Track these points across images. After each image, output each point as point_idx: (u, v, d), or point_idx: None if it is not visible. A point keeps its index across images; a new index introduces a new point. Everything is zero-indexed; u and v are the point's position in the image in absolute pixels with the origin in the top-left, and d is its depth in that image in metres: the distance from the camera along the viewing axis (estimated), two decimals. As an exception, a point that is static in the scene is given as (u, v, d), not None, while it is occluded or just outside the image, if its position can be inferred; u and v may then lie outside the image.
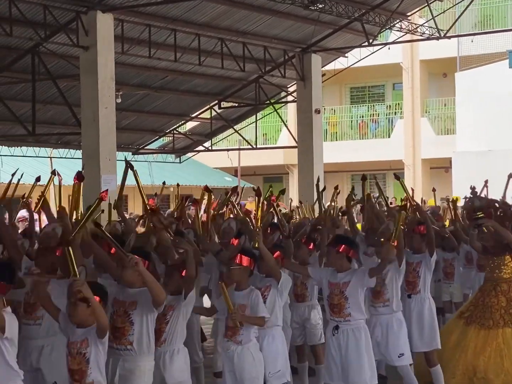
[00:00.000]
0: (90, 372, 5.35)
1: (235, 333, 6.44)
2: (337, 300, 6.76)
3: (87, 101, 13.99)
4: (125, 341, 5.77)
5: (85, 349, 5.35)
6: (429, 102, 31.49)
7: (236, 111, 22.15)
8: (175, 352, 6.11)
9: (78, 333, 5.39)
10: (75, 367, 5.36)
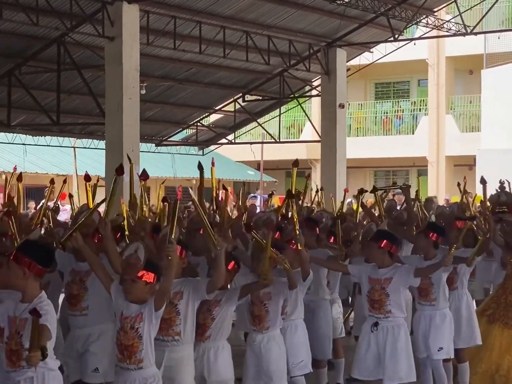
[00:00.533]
0: (142, 348, 5.30)
1: (262, 320, 6.41)
2: (377, 296, 6.71)
3: (111, 91, 14.04)
4: (172, 331, 5.74)
5: (138, 324, 5.29)
6: (454, 99, 31.31)
7: (260, 104, 22.13)
8: (219, 348, 6.05)
9: (132, 308, 5.34)
10: (127, 342, 5.30)
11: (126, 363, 5.34)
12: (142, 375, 5.33)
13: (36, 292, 5.04)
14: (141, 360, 5.32)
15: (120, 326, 5.37)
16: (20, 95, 17.26)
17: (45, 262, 5.10)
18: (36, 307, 5.39)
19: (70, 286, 6.36)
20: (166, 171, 27.23)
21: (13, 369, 4.98)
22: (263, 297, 6.40)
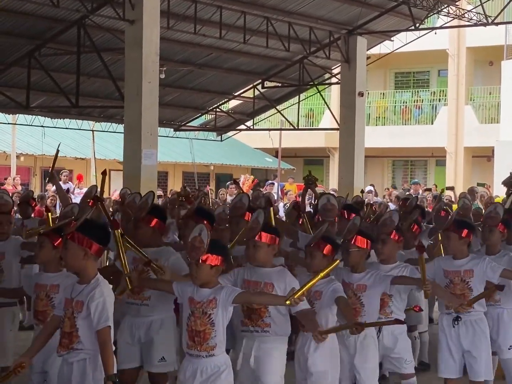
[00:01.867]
0: (215, 335, 5.19)
1: (355, 315, 6.16)
2: (459, 290, 6.49)
3: (131, 75, 14.03)
4: (261, 323, 5.66)
5: (211, 310, 5.20)
6: (474, 90, 31.17)
7: (279, 91, 22.10)
8: None
9: (204, 292, 5.27)
10: (199, 328, 5.20)
11: (197, 350, 5.22)
12: (214, 362, 5.22)
13: (94, 273, 5.05)
14: (213, 347, 5.21)
15: (191, 311, 5.26)
16: (40, 77, 17.30)
17: (104, 240, 5.11)
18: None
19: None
20: (184, 156, 27.28)
21: (66, 351, 4.99)
22: (360, 289, 6.24)
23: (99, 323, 4.90)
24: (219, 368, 5.20)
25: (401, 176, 33.60)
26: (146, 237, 6.40)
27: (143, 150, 13.96)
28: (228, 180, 27.32)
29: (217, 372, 5.19)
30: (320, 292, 5.92)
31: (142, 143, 13.96)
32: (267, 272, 5.78)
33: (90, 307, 4.91)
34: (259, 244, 5.77)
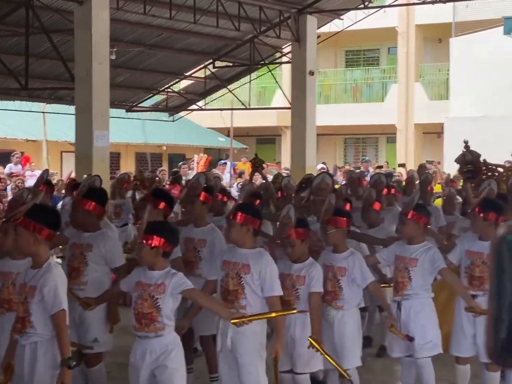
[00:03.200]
0: (161, 318, 5.23)
1: (334, 298, 6.25)
2: (478, 272, 6.42)
3: (81, 56, 13.97)
4: (237, 305, 5.59)
5: (159, 295, 5.23)
6: (423, 67, 31.47)
7: (230, 71, 22.12)
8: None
9: (152, 275, 5.28)
10: (146, 310, 5.23)
11: (144, 331, 5.26)
12: (163, 342, 5.26)
13: (46, 257, 5.08)
14: (161, 328, 5.25)
15: (138, 294, 5.30)
16: (-12, 59, 17.12)
17: (54, 225, 5.14)
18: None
19: (71, 259, 6.36)
20: (136, 137, 27.19)
21: (19, 335, 5.04)
22: (340, 272, 6.25)
23: (53, 307, 4.95)
24: (167, 347, 5.26)
25: (353, 154, 33.86)
26: (83, 220, 6.40)
27: (95, 131, 13.93)
28: (180, 160, 27.30)
29: (166, 352, 5.25)
30: (304, 277, 5.99)
31: (94, 125, 13.93)
32: (245, 253, 5.67)
33: (43, 292, 4.95)
34: (232, 223, 5.69)
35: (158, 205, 6.71)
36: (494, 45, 26.42)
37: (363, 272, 6.27)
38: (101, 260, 6.31)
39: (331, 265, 6.31)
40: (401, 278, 6.41)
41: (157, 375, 5.28)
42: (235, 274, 5.62)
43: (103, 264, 6.32)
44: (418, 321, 6.34)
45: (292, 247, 5.96)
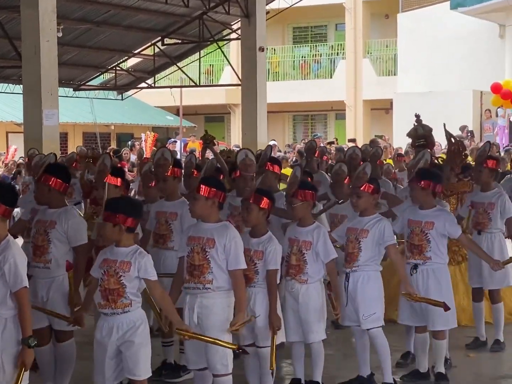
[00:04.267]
0: (127, 294, 5.22)
1: (299, 272, 6.24)
2: (417, 240, 6.63)
3: (28, 34, 13.67)
4: (203, 279, 5.55)
5: (123, 272, 5.22)
6: (371, 43, 31.60)
7: (179, 48, 21.93)
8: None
9: (119, 251, 5.27)
10: (112, 286, 5.21)
11: (111, 308, 5.23)
12: (130, 318, 5.24)
13: (4, 234, 4.99)
14: (128, 304, 5.24)
15: (104, 271, 5.26)
16: None
17: (10, 201, 5.03)
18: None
19: (35, 237, 6.26)
20: (84, 117, 26.85)
21: None
22: (305, 245, 6.25)
23: (15, 285, 4.88)
24: (134, 323, 5.24)
25: (302, 131, 33.93)
26: (44, 197, 6.32)
27: (44, 110, 13.69)
28: (129, 139, 27.09)
29: (133, 327, 5.24)
30: (261, 251, 5.97)
31: (43, 104, 13.69)
32: (209, 228, 5.63)
33: (3, 269, 4.87)
34: (197, 197, 5.63)
35: (116, 183, 6.64)
36: (441, 20, 26.62)
37: (326, 248, 6.27)
38: (63, 237, 6.22)
39: (296, 238, 6.29)
40: (351, 249, 6.48)
41: (123, 351, 5.25)
42: (200, 249, 5.57)
43: (66, 242, 6.23)
44: (364, 293, 6.41)
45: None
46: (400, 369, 7.04)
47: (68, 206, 6.38)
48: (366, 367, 6.59)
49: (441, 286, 6.61)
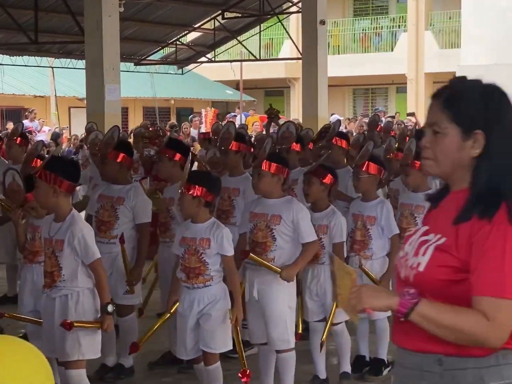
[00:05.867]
0: (209, 271, 5.22)
1: (363, 247, 6.17)
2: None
3: (90, 9, 13.75)
4: (265, 257, 5.47)
5: (203, 250, 5.22)
6: (433, 15, 31.09)
7: (239, 22, 21.83)
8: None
9: (196, 229, 5.27)
10: (193, 265, 5.24)
11: (192, 283, 5.25)
12: (211, 292, 5.24)
13: (68, 209, 5.02)
14: (209, 279, 5.24)
15: (184, 249, 5.27)
16: (-4, 13, 16.93)
17: (73, 177, 5.07)
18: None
19: (101, 212, 6.29)
20: (144, 91, 26.99)
21: (49, 289, 5.03)
22: (370, 220, 6.18)
23: (87, 258, 4.95)
24: (215, 297, 5.25)
25: (362, 105, 33.63)
26: (113, 173, 6.34)
27: (106, 85, 13.78)
28: (188, 114, 27.15)
29: (213, 301, 5.25)
30: (325, 225, 5.91)
31: (105, 78, 13.77)
32: (273, 203, 5.54)
33: (73, 244, 4.91)
34: (262, 173, 5.54)
35: (173, 157, 6.60)
36: (506, -10, 26.05)
37: (389, 222, 6.18)
38: (130, 213, 6.24)
39: (360, 213, 6.22)
40: (406, 224, 6.39)
41: (201, 324, 5.27)
42: (265, 226, 5.51)
43: (132, 219, 6.25)
44: None
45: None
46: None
47: (135, 183, 6.45)
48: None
49: None
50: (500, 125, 2.60)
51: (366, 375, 6.30)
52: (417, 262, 2.60)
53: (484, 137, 2.58)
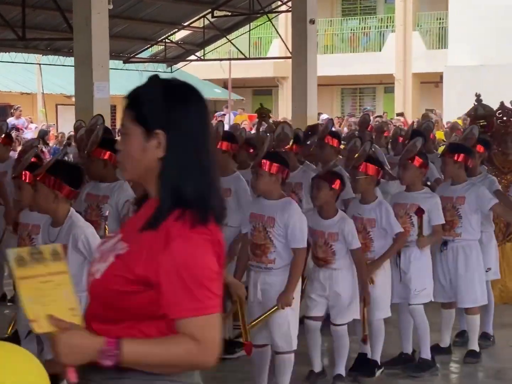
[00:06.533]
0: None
1: (365, 250, 6.07)
2: (449, 216, 6.52)
3: (79, 6, 13.67)
4: (265, 259, 5.47)
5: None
6: (421, 15, 31.13)
7: (229, 20, 21.78)
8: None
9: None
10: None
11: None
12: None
13: (66, 213, 4.90)
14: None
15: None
16: (-17, 9, 16.81)
17: (75, 183, 4.94)
18: None
19: (88, 212, 6.16)
20: (133, 89, 26.87)
21: None
22: (369, 223, 6.14)
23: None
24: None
25: (350, 104, 33.63)
26: (99, 171, 6.25)
27: (95, 83, 13.70)
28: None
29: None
30: (337, 233, 5.87)
31: (94, 76, 13.70)
32: (271, 205, 5.50)
33: (77, 247, 4.81)
34: (261, 172, 5.49)
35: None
36: (494, -9, 26.09)
37: (390, 222, 6.13)
38: (116, 212, 6.14)
39: (360, 216, 6.17)
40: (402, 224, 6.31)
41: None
42: (262, 228, 5.49)
43: (118, 217, 6.13)
44: (417, 267, 6.33)
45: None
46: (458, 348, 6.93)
47: (121, 181, 6.29)
48: (409, 345, 6.51)
49: (471, 263, 6.54)
50: (182, 125, 2.42)
51: (358, 376, 6.23)
52: (97, 268, 2.43)
53: (166, 138, 2.40)
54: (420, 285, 6.28)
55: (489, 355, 6.84)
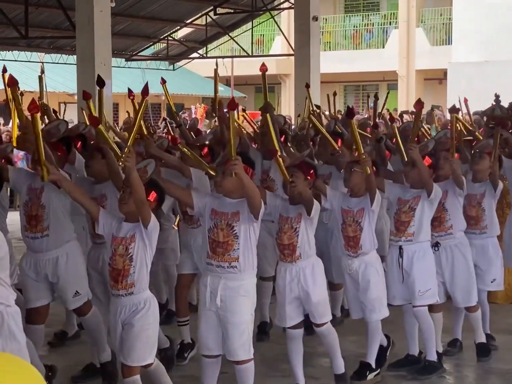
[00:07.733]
0: (133, 271, 5.00)
1: (356, 243, 6.01)
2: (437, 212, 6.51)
3: (81, 4, 13.64)
4: (228, 257, 5.19)
5: (130, 245, 5.00)
6: (424, 11, 31.07)
7: (232, 18, 21.74)
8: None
9: (125, 228, 5.04)
10: (119, 266, 5.01)
11: (116, 290, 5.03)
12: (133, 301, 5.02)
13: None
14: (132, 285, 5.01)
15: (113, 250, 5.06)
16: (-15, 8, 16.79)
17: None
18: None
19: (28, 206, 5.91)
20: (135, 87, 26.84)
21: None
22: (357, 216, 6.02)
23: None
24: (137, 306, 5.04)
25: (353, 101, 33.58)
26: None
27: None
28: (179, 110, 27.01)
29: (135, 311, 5.05)
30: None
31: (96, 74, 13.67)
32: (233, 202, 5.26)
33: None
34: (227, 172, 5.20)
35: None
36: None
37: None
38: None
39: (350, 209, 6.05)
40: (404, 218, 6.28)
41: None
42: (226, 225, 5.24)
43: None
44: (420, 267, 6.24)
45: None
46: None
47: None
48: (415, 346, 6.44)
49: (466, 261, 6.52)
50: None
51: (349, 379, 6.08)
52: None
53: None
54: (424, 286, 6.20)
55: (497, 358, 6.75)
